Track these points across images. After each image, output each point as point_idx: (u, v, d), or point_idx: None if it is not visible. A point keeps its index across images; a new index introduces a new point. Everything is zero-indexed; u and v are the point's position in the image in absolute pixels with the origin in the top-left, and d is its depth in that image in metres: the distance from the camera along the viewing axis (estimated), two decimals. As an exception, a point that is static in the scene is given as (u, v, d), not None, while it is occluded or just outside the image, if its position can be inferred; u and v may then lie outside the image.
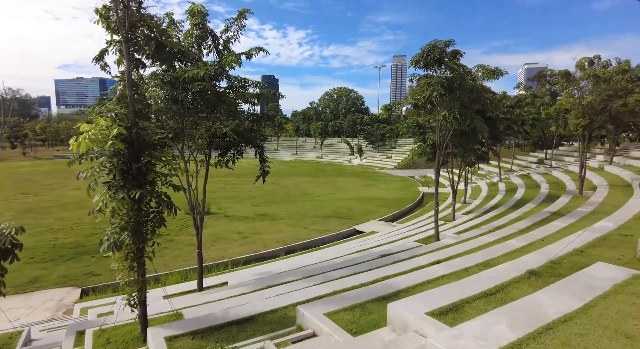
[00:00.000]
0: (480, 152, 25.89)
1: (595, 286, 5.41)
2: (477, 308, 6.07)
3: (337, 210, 31.79)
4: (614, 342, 4.05)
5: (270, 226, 25.91)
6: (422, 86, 15.84)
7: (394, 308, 5.99)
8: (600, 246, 9.48)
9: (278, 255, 19.99)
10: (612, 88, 21.38)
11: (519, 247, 10.99)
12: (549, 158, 47.41)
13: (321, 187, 45.53)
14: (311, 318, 6.73)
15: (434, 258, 11.43)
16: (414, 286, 8.27)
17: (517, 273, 7.46)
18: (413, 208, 35.23)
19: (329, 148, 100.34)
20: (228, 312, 8.00)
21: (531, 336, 4.09)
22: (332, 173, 63.38)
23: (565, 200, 21.21)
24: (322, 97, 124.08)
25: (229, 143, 12.16)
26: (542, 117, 39.83)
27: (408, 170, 66.52)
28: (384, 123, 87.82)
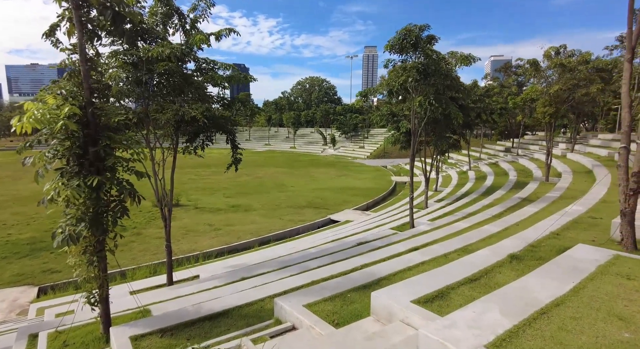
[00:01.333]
0: (453, 140, 26.23)
1: (581, 268, 5.33)
2: (463, 294, 5.88)
3: (311, 200, 31.47)
4: (608, 325, 3.91)
5: (243, 218, 25.24)
6: (397, 72, 15.61)
7: (378, 297, 5.70)
8: (574, 229, 9.64)
9: (252, 247, 19.45)
10: (576, 78, 22.04)
11: (495, 232, 11.04)
12: (516, 147, 49.02)
13: (295, 177, 45.02)
14: (290, 310, 6.34)
15: (411, 244, 11.31)
16: (395, 274, 8.05)
17: (498, 257, 7.37)
18: (386, 196, 35.46)
19: (302, 139, 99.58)
20: (200, 307, 7.49)
21: (526, 322, 3.89)
22: (306, 163, 62.91)
23: (534, 186, 21.81)
24: (294, 87, 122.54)
25: (197, 128, 11.45)
26: (510, 107, 40.91)
27: (380, 160, 67.08)
28: (356, 113, 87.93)
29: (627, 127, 6.79)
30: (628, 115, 6.76)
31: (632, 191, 6.66)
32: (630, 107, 6.79)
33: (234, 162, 12.22)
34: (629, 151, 6.87)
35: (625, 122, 6.80)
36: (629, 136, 6.78)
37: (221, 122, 12.11)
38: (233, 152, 12.32)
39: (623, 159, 6.83)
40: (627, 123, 6.78)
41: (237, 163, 12.29)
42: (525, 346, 3.49)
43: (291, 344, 5.39)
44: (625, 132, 6.83)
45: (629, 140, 6.79)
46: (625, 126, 6.81)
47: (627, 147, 6.82)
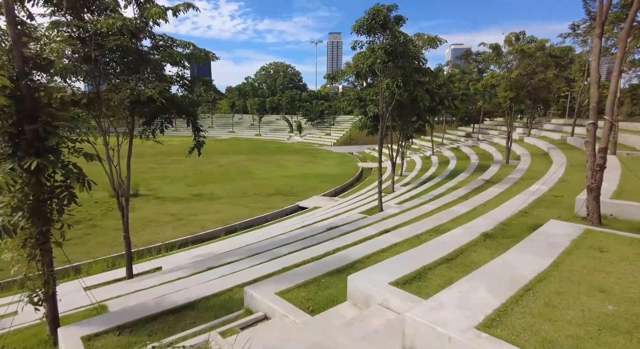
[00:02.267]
0: (418, 125, 26.49)
1: (556, 243, 5.32)
2: (441, 274, 5.74)
3: (279, 187, 30.94)
4: (591, 298, 3.84)
5: (207, 207, 24.35)
6: (365, 53, 15.29)
7: (355, 280, 5.42)
8: (539, 207, 9.87)
9: (218, 236, 18.75)
10: (535, 63, 22.76)
11: (463, 213, 11.13)
12: (476, 132, 50.68)
13: (261, 165, 44.13)
14: (261, 299, 5.95)
15: (382, 227, 11.20)
16: (369, 256, 7.84)
17: (472, 236, 7.33)
18: (353, 182, 35.57)
19: (268, 126, 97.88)
20: (163, 300, 6.93)
21: (513, 299, 3.73)
22: (272, 150, 61.92)
23: (496, 169, 22.51)
24: (258, 73, 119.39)
25: (155, 109, 10.59)
26: (471, 93, 41.98)
27: (347, 147, 67.29)
28: (322, 99, 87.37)
29: (594, 103, 6.88)
30: (596, 91, 6.84)
31: (598, 167, 6.79)
32: (598, 83, 6.88)
33: (197, 146, 11.48)
34: (597, 127, 6.99)
35: (594, 99, 6.89)
36: (597, 112, 6.89)
37: (181, 103, 11.30)
38: (195, 135, 11.56)
39: (591, 135, 6.94)
40: (595, 99, 6.87)
41: (199, 147, 11.56)
42: (516, 325, 3.32)
43: (264, 335, 5.01)
44: (593, 108, 6.92)
45: (597, 117, 6.91)
46: (594, 102, 6.90)
47: (595, 123, 6.93)
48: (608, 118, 6.65)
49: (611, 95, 6.65)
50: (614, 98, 6.69)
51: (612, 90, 6.65)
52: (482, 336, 3.13)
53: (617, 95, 6.65)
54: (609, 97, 6.71)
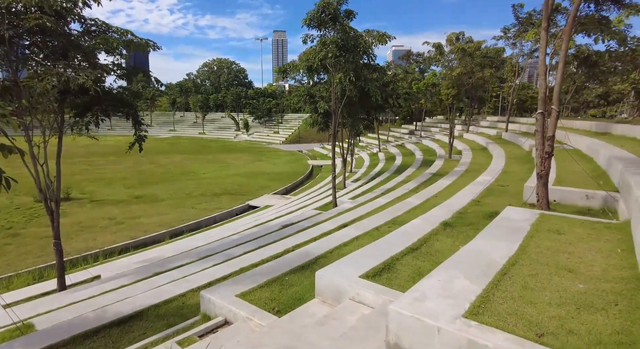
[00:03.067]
0: (367, 122, 26.92)
1: (518, 228, 5.44)
2: (409, 264, 5.63)
3: (226, 187, 29.82)
4: (562, 278, 3.89)
5: (149, 209, 22.74)
6: (316, 47, 15.07)
7: (324, 276, 5.12)
8: (489, 196, 10.30)
9: (162, 240, 17.48)
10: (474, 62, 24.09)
11: (417, 204, 11.33)
12: (419, 130, 52.91)
13: (206, 164, 42.35)
14: (220, 303, 5.43)
15: (340, 222, 11.04)
16: (331, 251, 7.60)
17: (432, 226, 7.37)
18: (304, 180, 35.37)
19: (212, 124, 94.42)
20: (104, 311, 6.13)
21: (493, 285, 3.66)
22: (217, 149, 59.77)
23: (440, 163, 23.50)
24: (200, 69, 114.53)
25: (89, 100, 9.47)
26: (414, 91, 43.63)
27: (296, 145, 66.97)
28: (270, 97, 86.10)
29: (543, 94, 7.26)
30: (544, 82, 7.23)
31: (547, 155, 7.17)
32: (545, 75, 7.28)
33: (138, 140, 10.49)
34: (545, 116, 7.36)
35: (542, 89, 7.27)
36: (545, 102, 7.27)
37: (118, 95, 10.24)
38: (136, 129, 10.54)
39: (540, 124, 7.31)
40: (543, 90, 7.25)
41: (141, 142, 10.58)
42: (501, 310, 3.22)
43: (227, 342, 4.53)
44: (541, 98, 7.30)
45: (545, 107, 7.28)
46: (542, 93, 7.28)
47: (544, 112, 7.30)
48: (555, 108, 7.04)
49: (557, 85, 7.05)
50: (560, 88, 7.08)
51: (558, 81, 7.05)
52: (471, 325, 2.98)
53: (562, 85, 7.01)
54: (555, 88, 7.11)
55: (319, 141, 67.70)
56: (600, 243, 4.91)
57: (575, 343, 2.79)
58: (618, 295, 3.52)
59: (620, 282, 3.78)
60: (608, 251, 4.63)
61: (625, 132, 15.71)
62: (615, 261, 4.32)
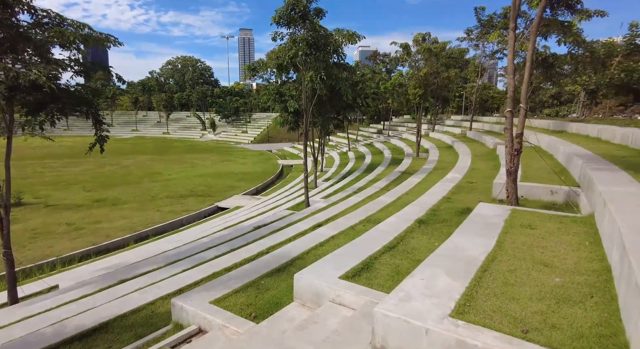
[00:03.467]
0: (337, 121, 26.97)
1: (492, 224, 5.54)
2: (387, 263, 5.60)
3: (193, 188, 28.98)
4: (540, 272, 3.97)
5: (111, 213, 21.67)
6: (287, 45, 14.87)
7: (303, 278, 4.98)
8: (459, 193, 10.53)
9: (126, 245, 16.69)
10: (440, 63, 24.72)
11: (390, 202, 11.41)
12: (387, 129, 53.78)
13: (171, 165, 40.98)
14: (193, 310, 5.17)
15: (314, 221, 10.92)
16: (308, 252, 7.46)
17: (407, 223, 7.41)
18: (274, 180, 35.01)
19: (177, 123, 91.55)
20: (64, 325, 5.68)
21: (475, 282, 3.67)
22: (183, 149, 58.03)
23: (408, 161, 23.93)
24: (164, 67, 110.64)
25: (42, 98, 8.79)
26: (381, 91, 44.26)
27: (265, 145, 66.23)
28: (237, 96, 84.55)
29: (511, 92, 7.49)
30: (512, 81, 7.45)
31: (516, 152, 7.40)
32: (514, 74, 7.51)
33: (99, 141, 9.87)
34: (514, 114, 7.60)
35: (510, 88, 7.49)
36: (514, 101, 7.49)
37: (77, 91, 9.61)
38: (96, 128, 9.92)
39: (509, 122, 7.54)
40: (511, 89, 7.47)
41: (102, 142, 9.97)
42: (486, 308, 3.22)
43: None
44: (510, 96, 7.52)
45: (514, 105, 7.51)
46: (510, 91, 7.50)
47: (512, 110, 7.53)
48: (523, 106, 7.27)
49: (525, 84, 7.29)
50: (527, 87, 7.33)
51: (526, 79, 7.30)
52: (459, 324, 2.95)
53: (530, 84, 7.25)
54: (523, 86, 7.34)
55: (289, 140, 67.33)
56: (570, 236, 5.08)
57: (559, 338, 2.82)
58: (592, 287, 3.62)
59: (592, 274, 3.91)
60: (577, 244, 4.80)
61: (579, 130, 16.64)
62: (585, 254, 4.47)
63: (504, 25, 18.91)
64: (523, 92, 7.32)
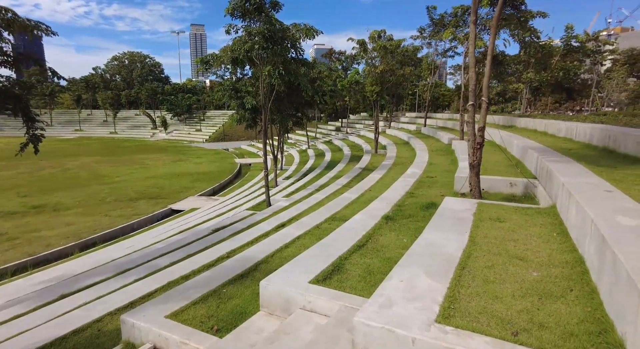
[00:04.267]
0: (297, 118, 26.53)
1: (462, 218, 5.46)
2: (358, 263, 5.34)
3: (144, 191, 27.39)
4: (517, 267, 3.89)
5: (52, 220, 19.87)
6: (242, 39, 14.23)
7: (270, 285, 4.59)
8: (421, 188, 10.56)
9: (70, 254, 15.27)
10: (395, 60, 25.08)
11: (354, 198, 11.24)
12: (344, 126, 54.13)
13: (120, 166, 38.54)
14: (147, 327, 4.60)
15: (277, 222, 10.49)
16: (273, 254, 7.05)
17: (374, 220, 7.22)
18: (232, 179, 33.95)
19: (125, 122, 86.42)
20: (-11, 355, 4.87)
21: (455, 281, 3.50)
22: (133, 150, 54.83)
23: (368, 158, 24.08)
24: (109, 63, 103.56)
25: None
26: (338, 89, 44.39)
27: (221, 143, 64.29)
28: (189, 93, 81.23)
29: (473, 86, 7.54)
30: (474, 74, 7.50)
31: (478, 145, 7.46)
32: (475, 67, 7.56)
33: (32, 141, 8.78)
34: (476, 108, 7.66)
35: (472, 82, 7.53)
36: (475, 94, 7.55)
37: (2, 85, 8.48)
38: (28, 127, 8.82)
39: (471, 116, 7.58)
40: (473, 82, 7.52)
41: (36, 142, 8.88)
42: (471, 310, 3.03)
43: (158, 376, 3.79)
44: (472, 90, 7.57)
45: (475, 98, 7.57)
46: (472, 85, 7.55)
47: (475, 104, 7.58)
48: (485, 100, 7.33)
49: (486, 77, 7.36)
50: (488, 80, 7.40)
51: (487, 73, 7.37)
52: (447, 331, 2.72)
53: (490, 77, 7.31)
54: (485, 80, 7.41)
55: (246, 138, 65.84)
56: (537, 228, 5.10)
57: (549, 338, 2.68)
58: (570, 280, 3.56)
59: (566, 266, 3.87)
60: (546, 236, 4.81)
61: (527, 124, 17.54)
62: (556, 245, 4.47)
63: (455, 24, 19.47)
64: (484, 85, 7.39)
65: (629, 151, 7.83)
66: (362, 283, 4.71)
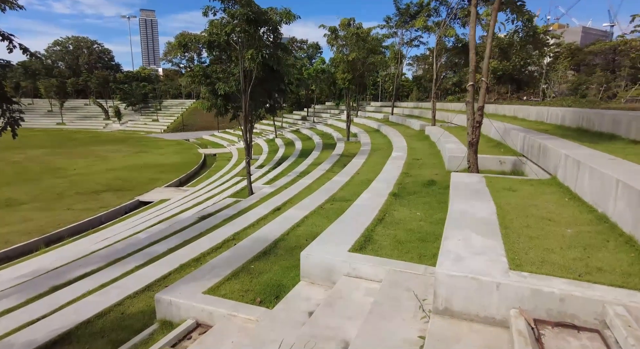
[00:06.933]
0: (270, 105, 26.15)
1: (479, 189, 5.79)
2: (385, 234, 5.52)
3: (107, 183, 26.03)
4: (550, 226, 4.23)
5: (6, 216, 18.49)
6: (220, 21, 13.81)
7: (311, 255, 4.64)
8: (413, 169, 10.93)
9: (35, 249, 14.26)
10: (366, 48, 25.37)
11: (346, 181, 11.40)
12: (311, 116, 54.10)
13: (75, 158, 36.17)
14: (186, 303, 4.51)
15: (271, 206, 10.40)
16: (287, 233, 7.07)
17: (382, 198, 7.43)
18: (198, 170, 33.01)
19: (74, 113, 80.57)
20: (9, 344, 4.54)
21: (505, 239, 3.77)
22: (86, 141, 51.49)
23: (342, 145, 24.32)
24: (50, 48, 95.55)
25: None
26: (304, 77, 44.21)
27: (181, 133, 61.90)
28: (144, 81, 77.12)
29: (473, 67, 7.91)
30: (474, 56, 7.87)
31: (477, 124, 7.86)
32: (475, 49, 7.94)
33: (9, 124, 8.07)
34: (475, 88, 8.04)
35: (472, 62, 7.90)
36: (474, 75, 7.92)
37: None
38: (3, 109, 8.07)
39: (471, 96, 7.95)
40: (473, 63, 7.89)
41: (13, 126, 8.16)
42: (533, 260, 3.30)
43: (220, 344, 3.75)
44: (471, 71, 7.94)
45: (474, 78, 7.95)
46: (472, 66, 7.92)
47: (474, 84, 7.96)
48: (485, 80, 7.71)
49: (486, 58, 7.73)
50: (488, 61, 7.79)
51: (487, 54, 7.74)
52: (525, 276, 2.96)
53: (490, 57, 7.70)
54: (485, 61, 7.80)
55: (207, 129, 63.89)
56: (548, 196, 5.54)
57: (612, 278, 2.98)
58: (602, 234, 3.95)
59: (592, 224, 4.27)
60: (560, 201, 5.24)
61: (497, 110, 18.60)
62: (573, 208, 4.90)
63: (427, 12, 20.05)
64: (485, 66, 7.78)
65: (603, 129, 8.60)
66: (396, 251, 4.89)
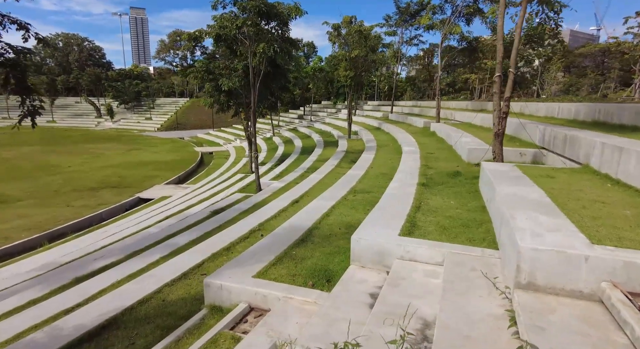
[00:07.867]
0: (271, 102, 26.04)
1: (517, 176, 5.82)
2: (425, 220, 5.50)
3: (104, 180, 25.67)
4: (606, 207, 4.27)
5: (1, 213, 18.12)
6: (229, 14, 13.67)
7: (363, 239, 4.60)
8: (432, 161, 10.95)
9: (37, 246, 13.96)
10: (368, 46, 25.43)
11: (362, 174, 11.39)
12: (308, 114, 54.03)
13: (69, 156, 35.60)
14: (238, 287, 4.44)
15: (288, 199, 10.30)
16: (319, 222, 7.03)
17: (412, 188, 7.42)
18: (196, 168, 32.74)
19: (65, 111, 79.20)
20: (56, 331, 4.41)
21: (571, 217, 3.77)
22: (79, 139, 50.69)
23: (344, 142, 24.33)
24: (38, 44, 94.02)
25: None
26: (302, 76, 44.12)
27: (175, 132, 61.32)
28: (137, 79, 76.13)
29: (500, 58, 7.96)
30: (502, 47, 7.92)
31: (504, 114, 7.92)
32: (502, 40, 7.99)
33: (29, 114, 7.85)
34: (502, 79, 8.10)
35: (499, 54, 7.95)
36: (501, 66, 7.99)
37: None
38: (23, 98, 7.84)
39: (497, 87, 8.01)
40: (500, 54, 7.94)
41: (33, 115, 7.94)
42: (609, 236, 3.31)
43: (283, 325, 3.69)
44: (499, 62, 8.00)
45: (501, 70, 8.00)
46: (499, 57, 7.97)
47: (501, 75, 8.02)
48: (512, 71, 7.78)
49: (514, 49, 7.79)
50: (516, 53, 7.84)
51: (516, 46, 7.80)
52: (610, 249, 2.97)
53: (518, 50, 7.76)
54: (513, 52, 7.85)
55: (202, 127, 63.44)
56: (588, 182, 5.59)
57: (692, 250, 3.01)
58: (660, 214, 3.99)
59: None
60: (602, 186, 5.29)
61: (500, 108, 18.78)
62: (618, 193, 4.95)
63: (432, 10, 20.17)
64: (513, 57, 7.83)
65: (624, 121, 8.73)
66: (444, 236, 4.88)
